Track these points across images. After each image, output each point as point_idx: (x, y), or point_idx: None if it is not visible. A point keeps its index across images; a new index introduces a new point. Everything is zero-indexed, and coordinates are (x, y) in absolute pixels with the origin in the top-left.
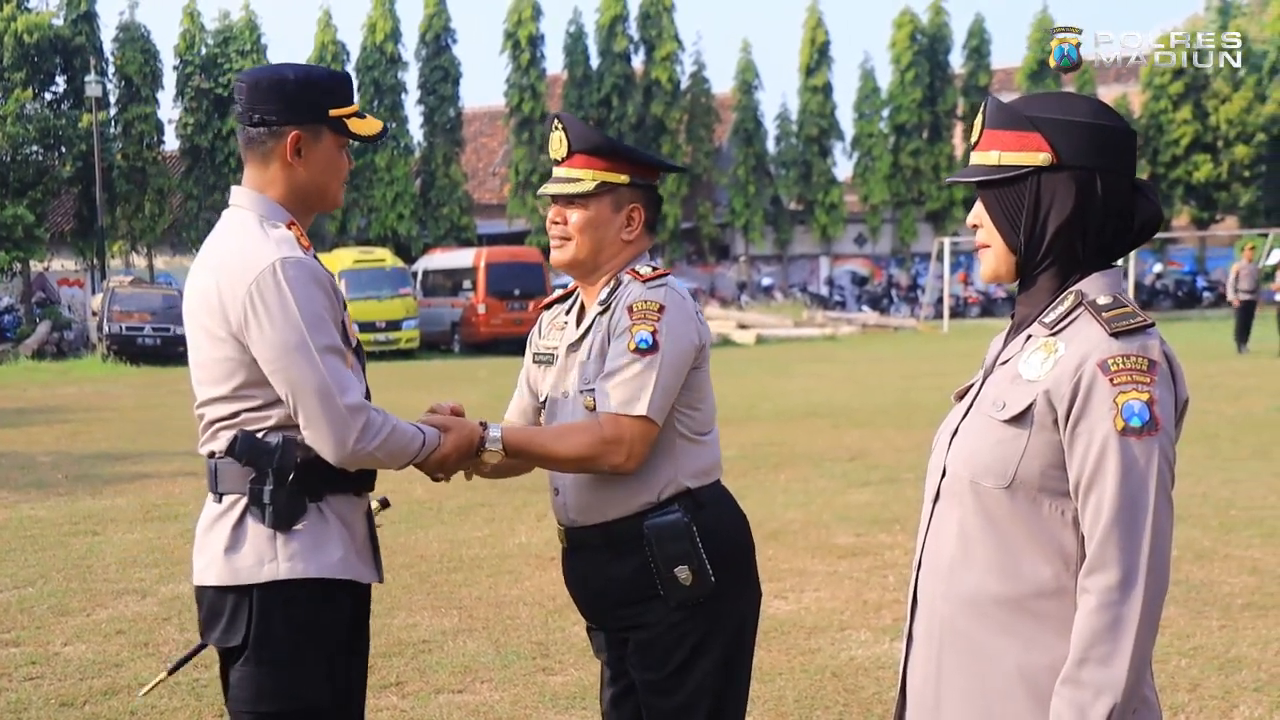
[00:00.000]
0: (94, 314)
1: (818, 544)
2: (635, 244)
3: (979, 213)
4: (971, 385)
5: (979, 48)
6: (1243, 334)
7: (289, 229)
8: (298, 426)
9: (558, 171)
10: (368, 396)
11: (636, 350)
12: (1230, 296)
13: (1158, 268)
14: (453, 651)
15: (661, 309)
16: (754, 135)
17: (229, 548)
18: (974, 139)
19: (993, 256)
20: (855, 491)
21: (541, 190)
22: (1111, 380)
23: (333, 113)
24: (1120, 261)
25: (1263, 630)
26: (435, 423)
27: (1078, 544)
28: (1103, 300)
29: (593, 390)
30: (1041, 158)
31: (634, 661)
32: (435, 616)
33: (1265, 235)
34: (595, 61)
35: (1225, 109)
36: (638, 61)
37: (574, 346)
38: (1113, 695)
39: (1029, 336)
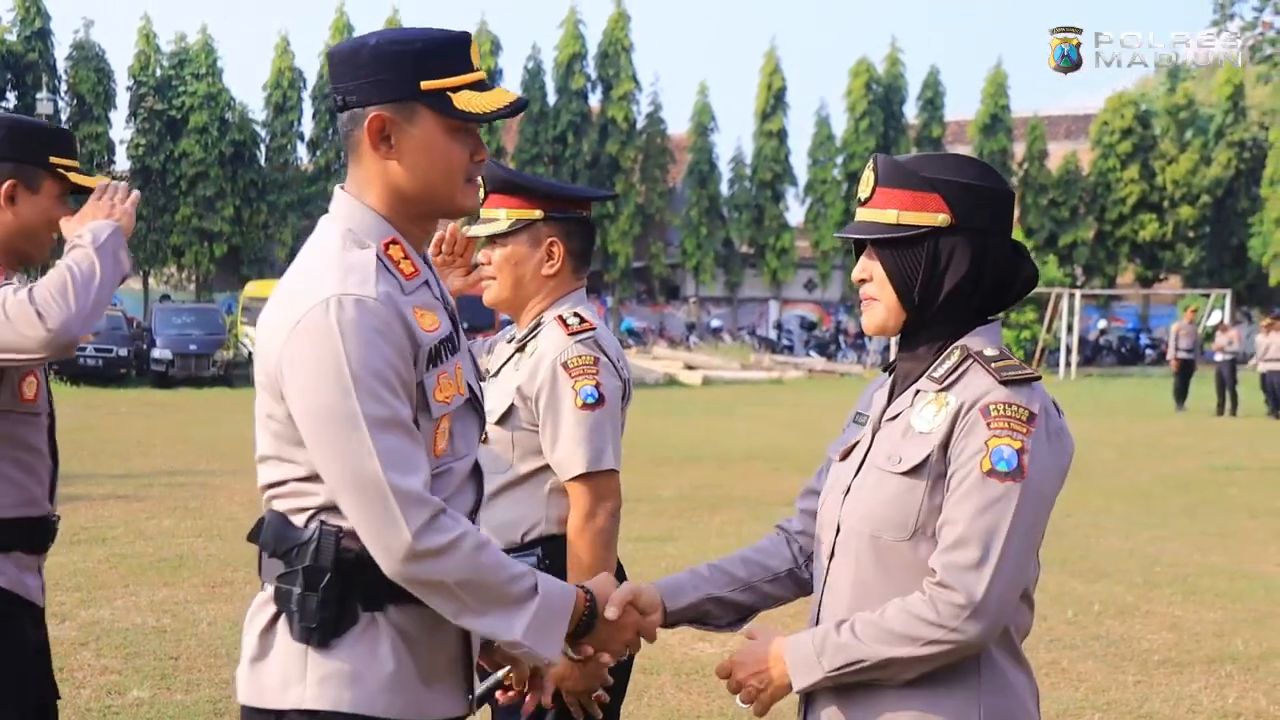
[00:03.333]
0: None
1: None
2: (559, 277)
3: (868, 267)
4: (856, 444)
5: (933, 99)
6: (1181, 393)
7: (386, 250)
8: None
9: (483, 212)
10: (474, 516)
11: (585, 406)
12: (1170, 356)
13: (1102, 324)
14: None
15: (596, 361)
16: (708, 177)
17: (256, 656)
18: (865, 195)
19: (882, 310)
20: None
21: (466, 232)
22: (989, 424)
23: (426, 85)
24: (1065, 316)
25: (1177, 687)
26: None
27: None
28: (989, 352)
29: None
30: (940, 218)
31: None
32: None
33: (1207, 296)
34: (552, 98)
35: (1172, 170)
36: (595, 100)
37: (495, 374)
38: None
39: (918, 391)
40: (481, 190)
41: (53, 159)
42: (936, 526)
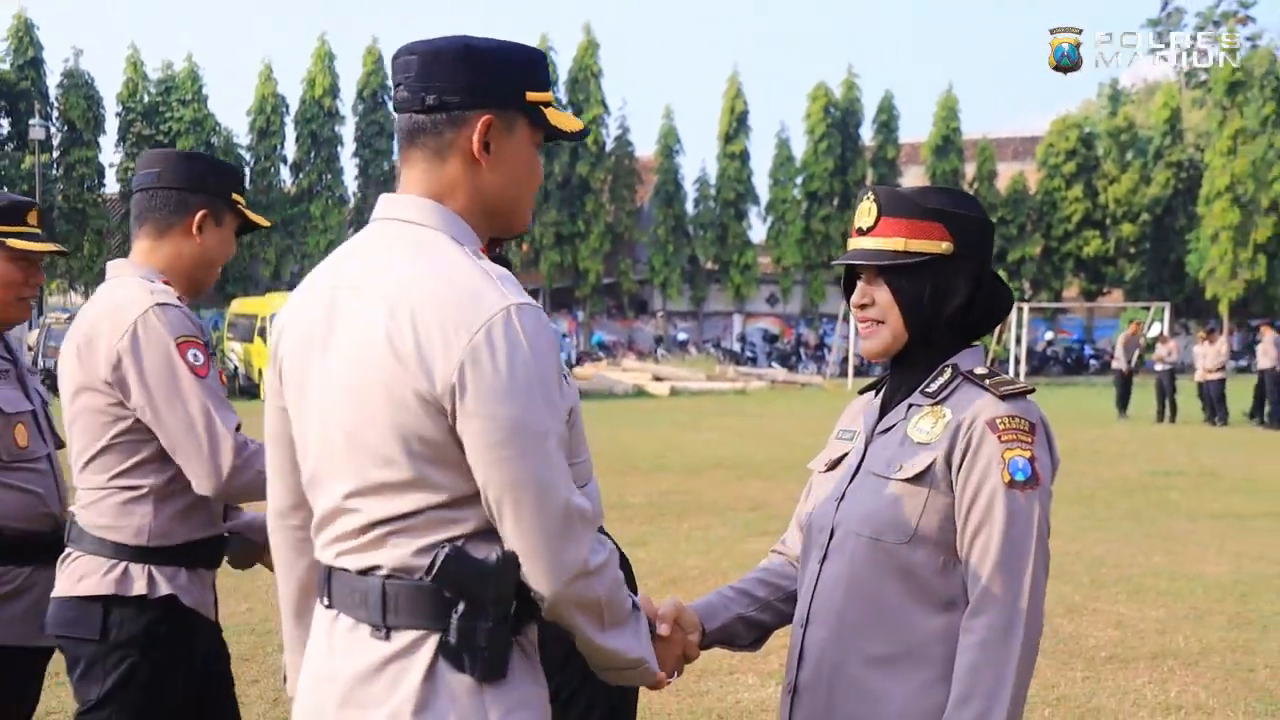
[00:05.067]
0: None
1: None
2: None
3: (868, 292)
4: (844, 456)
5: (888, 122)
6: (1123, 401)
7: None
8: (488, 535)
9: None
10: None
11: None
12: (1118, 365)
13: (1049, 335)
14: None
15: None
16: (674, 197)
17: (421, 708)
18: (868, 224)
19: (888, 334)
20: (755, 540)
21: None
22: (999, 437)
23: (531, 96)
24: (1014, 328)
25: (1122, 681)
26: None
27: (964, 591)
28: (979, 370)
29: None
30: (945, 246)
31: None
32: None
33: (1148, 309)
34: None
35: (1113, 189)
36: None
37: None
38: None
39: (910, 405)
40: None
41: (234, 195)
42: (960, 543)
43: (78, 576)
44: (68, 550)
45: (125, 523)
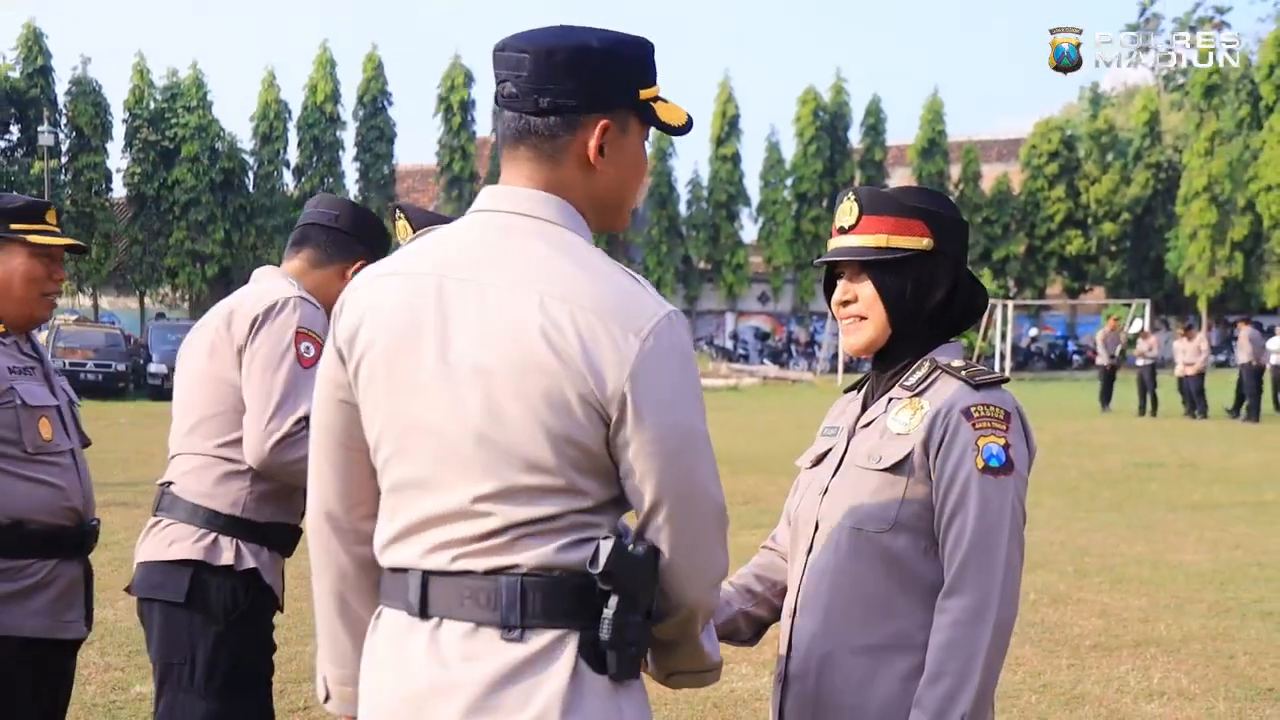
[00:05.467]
0: None
1: None
2: None
3: (851, 289)
4: (828, 452)
5: (875, 125)
6: (1106, 395)
7: None
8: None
9: None
10: None
11: None
12: (1101, 360)
13: (1033, 331)
14: None
15: None
16: (667, 199)
17: (568, 711)
18: (849, 223)
19: (871, 329)
20: (748, 533)
21: None
22: (974, 425)
23: (643, 93)
24: (999, 325)
25: (1106, 669)
26: None
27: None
28: (956, 363)
29: None
30: (925, 243)
31: None
32: None
33: (1129, 305)
34: None
35: (1095, 189)
36: None
37: None
38: (961, 711)
39: (890, 399)
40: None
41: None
42: (937, 528)
43: (168, 541)
44: (156, 518)
45: (223, 492)
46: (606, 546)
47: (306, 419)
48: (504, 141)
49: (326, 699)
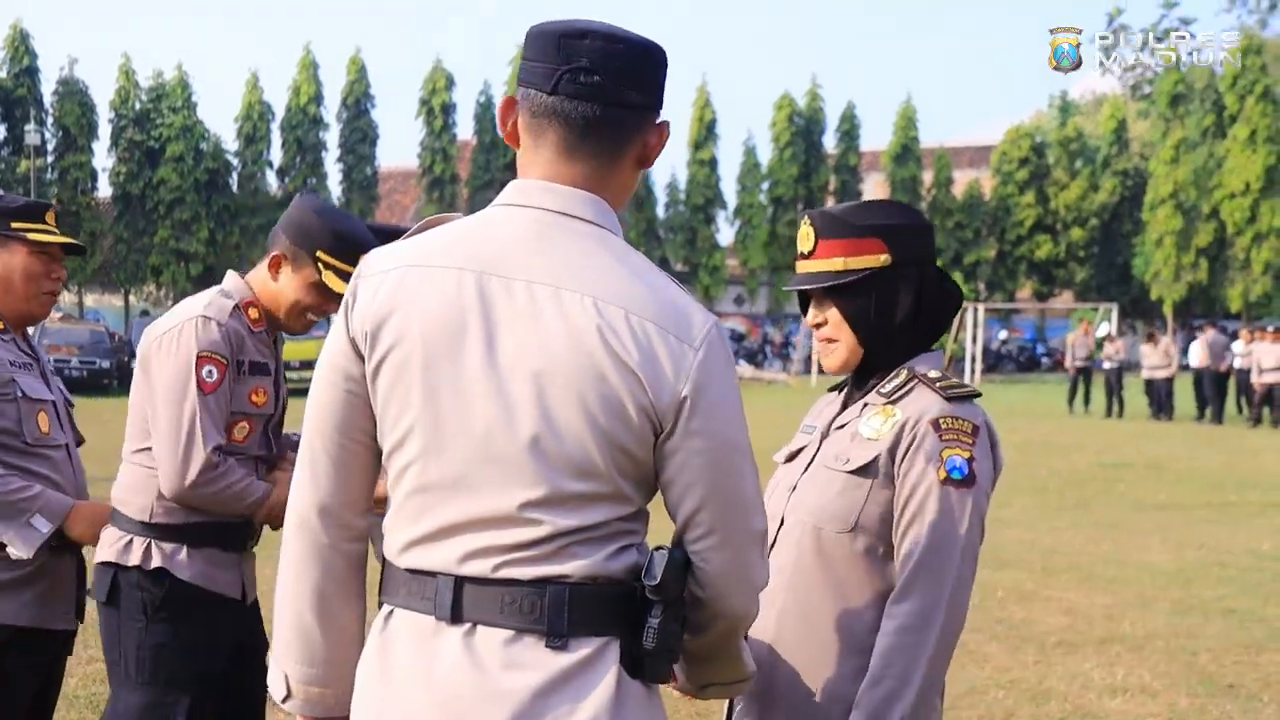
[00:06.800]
0: None
1: None
2: None
3: (819, 313)
4: (802, 449)
5: (850, 131)
6: (1074, 396)
7: None
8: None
9: None
10: None
11: None
12: (1069, 364)
13: (1003, 334)
14: None
15: None
16: (645, 202)
17: (616, 717)
18: (807, 249)
19: (844, 350)
20: None
21: None
22: (940, 436)
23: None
24: (970, 328)
25: (1071, 665)
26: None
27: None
28: (933, 374)
29: None
30: (882, 259)
31: None
32: None
33: (1096, 309)
34: None
35: (1064, 195)
36: None
37: None
38: (898, 715)
39: (865, 405)
40: None
41: (319, 253)
42: (894, 536)
43: (102, 545)
44: None
45: (134, 499)
46: (661, 557)
47: (220, 448)
48: (564, 132)
49: (286, 698)
